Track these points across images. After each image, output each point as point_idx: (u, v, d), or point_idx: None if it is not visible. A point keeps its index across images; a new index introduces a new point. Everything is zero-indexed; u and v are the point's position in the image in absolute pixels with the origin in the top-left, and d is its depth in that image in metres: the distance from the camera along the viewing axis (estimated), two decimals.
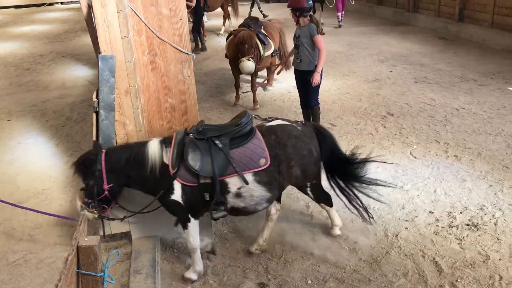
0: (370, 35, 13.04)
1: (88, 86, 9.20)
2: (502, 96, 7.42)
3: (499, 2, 10.84)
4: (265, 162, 3.49)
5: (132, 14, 4.10)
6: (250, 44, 7.00)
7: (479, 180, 5.00)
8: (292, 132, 3.68)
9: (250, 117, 3.68)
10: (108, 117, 3.86)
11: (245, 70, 7.00)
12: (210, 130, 3.58)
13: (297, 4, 5.74)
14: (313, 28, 5.74)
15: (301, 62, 5.91)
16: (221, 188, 3.46)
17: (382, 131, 6.44)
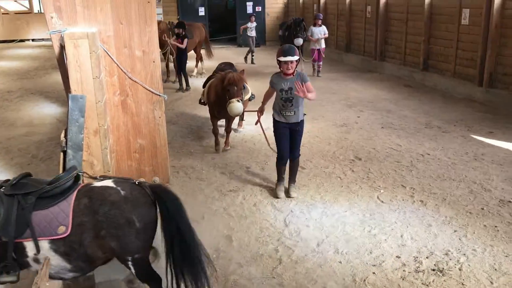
0: (338, 81, 13.41)
1: (56, 124, 9.07)
2: (464, 143, 7.68)
3: (460, 53, 11.38)
4: (65, 231, 3.04)
5: (105, 55, 4.13)
6: (239, 86, 6.93)
7: (444, 225, 5.10)
8: (108, 197, 3.13)
9: (71, 173, 3.23)
10: (75, 157, 3.80)
11: (235, 111, 6.79)
12: (25, 185, 3.14)
13: (296, 53, 5.48)
14: (304, 75, 5.55)
15: (294, 114, 5.60)
16: (20, 251, 3.07)
17: (350, 175, 6.54)
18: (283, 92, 5.55)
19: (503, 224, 5.07)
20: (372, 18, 15.13)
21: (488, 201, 5.63)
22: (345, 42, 17.26)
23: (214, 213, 5.51)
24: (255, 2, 22.23)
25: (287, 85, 5.50)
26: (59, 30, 3.95)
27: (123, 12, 4.12)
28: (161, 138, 4.52)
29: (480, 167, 6.67)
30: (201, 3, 21.68)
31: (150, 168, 4.57)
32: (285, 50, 5.44)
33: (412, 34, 13.28)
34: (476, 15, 10.63)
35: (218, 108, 7.30)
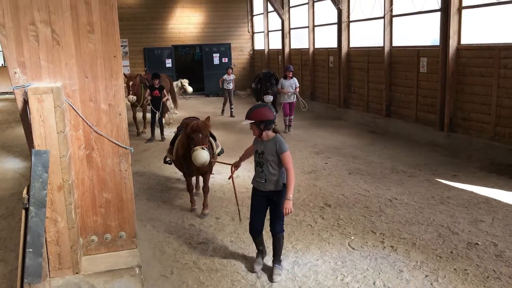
0: (305, 128, 13.63)
1: (18, 179, 8.80)
2: (430, 187, 7.83)
3: (420, 99, 11.81)
4: None
5: (70, 109, 4.09)
6: (204, 133, 6.32)
7: (415, 271, 5.10)
8: None
9: None
10: (38, 214, 3.67)
11: (199, 159, 6.07)
12: None
13: (262, 116, 4.79)
14: (282, 143, 4.82)
15: (265, 182, 4.90)
16: None
17: (321, 222, 6.53)
18: (256, 154, 5.01)
19: (472, 267, 5.12)
20: (335, 68, 15.63)
21: (456, 244, 5.70)
22: (310, 91, 17.68)
23: (184, 267, 5.36)
24: (221, 54, 22.70)
25: (261, 148, 4.91)
26: (22, 85, 3.90)
27: (88, 67, 4.12)
28: (127, 192, 4.43)
29: (447, 210, 6.78)
30: (168, 55, 21.99)
31: (116, 222, 4.45)
32: (247, 112, 4.90)
33: (374, 82, 13.75)
34: (433, 63, 11.14)
35: (187, 162, 6.69)
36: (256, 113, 4.82)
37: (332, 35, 15.67)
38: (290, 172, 4.75)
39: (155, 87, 12.20)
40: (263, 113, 4.80)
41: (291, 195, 4.71)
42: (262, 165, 4.90)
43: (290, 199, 4.70)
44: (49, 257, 3.93)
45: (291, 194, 4.71)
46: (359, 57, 14.47)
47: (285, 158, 4.78)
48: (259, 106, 4.98)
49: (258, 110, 4.84)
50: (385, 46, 12.88)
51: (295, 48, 19.06)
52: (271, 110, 4.83)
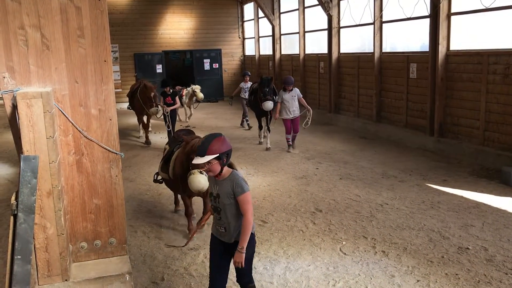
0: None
1: (7, 185, 8.70)
2: (421, 192, 7.86)
3: (410, 105, 11.89)
4: None
5: (60, 114, 4.05)
6: None
7: (406, 275, 5.10)
8: None
9: None
10: (27, 220, 3.62)
11: (196, 185, 5.34)
12: None
13: (223, 147, 3.80)
14: (240, 182, 3.83)
15: (225, 231, 3.95)
16: None
17: (312, 228, 6.52)
18: (211, 197, 4.03)
19: (463, 272, 5.13)
20: (325, 73, 15.69)
21: (447, 248, 5.71)
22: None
23: (174, 273, 5.31)
24: (212, 59, 22.71)
25: (215, 189, 3.95)
26: (11, 90, 3.86)
27: (78, 71, 4.08)
28: (118, 198, 4.38)
29: (437, 215, 6.81)
30: (159, 61, 21.94)
31: (106, 229, 4.40)
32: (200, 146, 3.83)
33: (364, 87, 13.82)
34: (422, 69, 11.22)
35: (184, 185, 5.90)
36: (216, 144, 3.77)
37: (323, 41, 15.75)
38: (246, 217, 3.82)
39: (167, 94, 11.85)
40: (224, 142, 3.81)
41: (245, 246, 3.81)
42: (219, 211, 3.94)
43: (242, 251, 3.80)
44: (37, 264, 3.88)
45: (244, 244, 3.81)
46: (349, 63, 14.54)
47: (242, 200, 3.81)
48: (214, 135, 3.87)
49: (218, 140, 3.80)
50: (375, 52, 12.96)
51: (286, 54, 19.11)
52: (227, 139, 3.90)
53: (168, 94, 11.82)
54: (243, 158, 10.63)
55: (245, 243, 3.83)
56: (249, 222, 3.84)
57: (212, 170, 3.81)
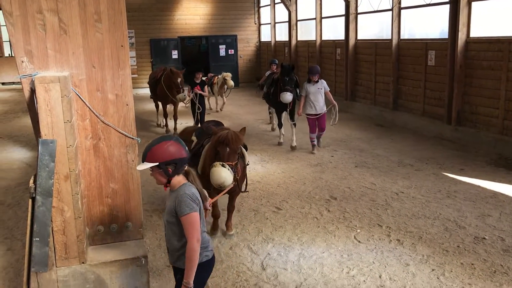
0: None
1: (25, 169, 8.83)
2: (437, 181, 7.79)
3: (428, 93, 11.73)
4: None
5: (77, 99, 4.07)
6: (233, 147, 5.08)
7: (421, 264, 5.08)
8: None
9: None
10: (45, 203, 3.67)
11: (216, 179, 4.84)
12: None
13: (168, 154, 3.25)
14: (183, 201, 3.18)
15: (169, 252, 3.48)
16: None
17: (327, 215, 6.51)
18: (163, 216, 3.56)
19: (479, 262, 5.09)
20: (342, 60, 15.53)
21: (463, 238, 5.66)
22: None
23: None
24: (228, 45, 22.62)
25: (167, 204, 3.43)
26: (29, 74, 3.88)
27: (95, 56, 4.09)
28: (134, 182, 4.41)
29: (453, 204, 6.74)
30: (175, 46, 21.93)
31: (122, 213, 4.44)
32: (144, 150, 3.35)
33: (381, 75, 13.65)
34: (441, 56, 11.04)
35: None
36: (157, 150, 3.25)
37: (340, 27, 15.56)
38: (189, 243, 3.15)
39: (196, 83, 11.21)
40: (168, 149, 3.25)
41: (190, 280, 3.16)
42: (165, 227, 3.45)
43: (188, 285, 3.17)
44: (55, 247, 3.93)
45: (189, 278, 3.16)
46: (366, 50, 14.37)
47: (184, 222, 3.18)
48: (162, 139, 3.36)
49: (162, 146, 3.26)
50: (393, 38, 12.77)
51: (302, 40, 18.94)
52: (181, 145, 3.33)
53: (197, 83, 11.21)
54: (258, 145, 10.62)
55: (190, 277, 3.16)
56: (193, 250, 3.13)
57: (157, 180, 3.32)
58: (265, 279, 4.86)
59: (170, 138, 3.35)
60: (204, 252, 3.34)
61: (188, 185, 3.29)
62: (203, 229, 3.38)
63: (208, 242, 3.43)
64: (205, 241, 3.37)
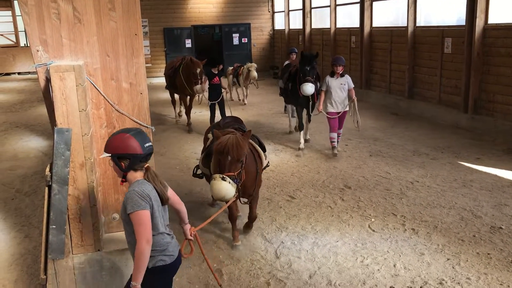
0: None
1: (41, 158, 8.93)
2: (453, 170, 7.70)
3: (444, 81, 11.56)
4: None
5: (91, 88, 4.09)
6: (235, 156, 4.55)
7: (436, 254, 5.04)
8: None
9: None
10: (61, 191, 3.71)
11: (216, 195, 4.50)
12: None
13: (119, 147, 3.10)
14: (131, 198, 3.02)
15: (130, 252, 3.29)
16: None
17: (341, 204, 6.49)
18: None
19: (495, 251, 5.03)
20: (357, 48, 15.37)
21: (479, 228, 5.60)
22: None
23: (203, 246, 5.38)
24: (241, 34, 22.52)
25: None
26: (45, 63, 3.91)
27: (110, 45, 4.10)
28: None
29: (470, 193, 6.67)
30: (188, 35, 21.90)
31: None
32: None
33: (397, 62, 13.49)
34: (458, 44, 10.85)
35: None
36: (113, 142, 3.12)
37: (355, 15, 15.38)
38: (137, 244, 2.98)
39: (214, 74, 10.49)
40: (123, 142, 3.08)
41: (137, 283, 2.97)
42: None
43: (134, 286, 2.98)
44: (71, 234, 3.99)
45: (136, 280, 2.98)
46: (381, 37, 14.19)
47: (132, 220, 3.01)
48: (122, 130, 3.23)
49: (117, 138, 3.12)
50: (408, 26, 12.58)
51: (316, 28, 18.78)
52: (140, 140, 3.12)
53: (215, 74, 10.49)
54: (271, 134, 10.60)
55: (136, 279, 2.97)
56: (140, 250, 2.95)
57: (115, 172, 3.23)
58: (279, 268, 4.87)
59: (129, 131, 3.15)
60: (160, 255, 3.11)
61: (141, 182, 3.10)
62: (162, 230, 3.15)
63: (167, 245, 3.15)
64: (162, 244, 3.12)
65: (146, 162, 3.20)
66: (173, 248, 3.22)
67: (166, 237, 3.20)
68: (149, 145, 3.18)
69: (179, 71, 11.00)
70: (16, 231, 5.82)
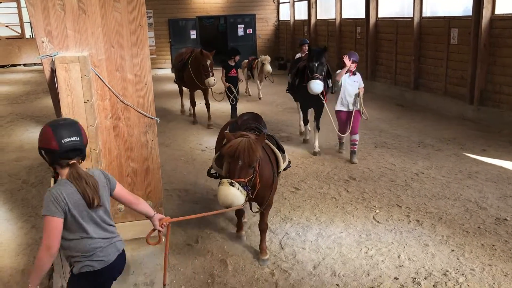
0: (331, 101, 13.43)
1: None
2: (458, 161, 7.68)
3: (450, 72, 11.49)
4: None
5: (96, 79, 4.11)
6: (246, 160, 4.10)
7: (441, 245, 5.04)
8: None
9: None
10: None
11: (223, 201, 4.00)
12: None
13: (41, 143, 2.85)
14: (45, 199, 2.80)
15: None
16: None
17: (345, 195, 6.49)
18: None
19: (500, 243, 5.03)
20: (362, 39, 15.29)
21: (484, 219, 5.60)
22: (335, 63, 17.39)
23: (208, 236, 5.42)
24: (246, 25, 22.44)
25: None
26: (50, 55, 3.92)
27: (114, 36, 4.10)
28: (153, 162, 4.46)
29: (475, 185, 6.65)
30: (193, 26, 21.84)
31: (143, 191, 4.50)
32: None
33: (402, 54, 13.42)
34: (464, 34, 10.77)
35: None
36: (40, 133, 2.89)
37: (360, 5, 15.28)
38: (39, 250, 2.82)
39: (231, 66, 10.09)
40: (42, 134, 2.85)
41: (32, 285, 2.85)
42: None
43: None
44: None
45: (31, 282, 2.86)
46: (387, 28, 14.10)
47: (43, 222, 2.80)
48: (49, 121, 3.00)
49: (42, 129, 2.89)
50: (414, 16, 12.49)
51: (322, 19, 18.68)
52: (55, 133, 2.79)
53: (233, 66, 10.06)
54: (276, 125, 10.60)
55: (32, 281, 2.84)
56: (38, 257, 2.77)
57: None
58: (283, 258, 4.90)
59: (52, 123, 2.89)
60: (86, 261, 2.87)
61: (63, 182, 2.81)
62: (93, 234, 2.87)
63: (95, 251, 2.88)
64: (88, 249, 2.86)
65: (71, 159, 2.82)
66: (106, 252, 2.93)
67: (98, 241, 2.89)
68: (71, 140, 2.78)
69: (188, 65, 10.51)
70: (23, 221, 5.87)
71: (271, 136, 4.97)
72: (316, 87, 7.65)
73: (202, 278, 4.57)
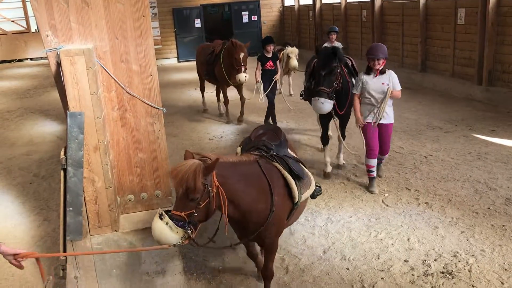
0: None
1: (56, 142, 9.05)
2: (467, 143, 7.64)
3: (457, 53, 11.37)
4: None
5: (102, 70, 4.12)
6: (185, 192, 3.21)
7: (451, 227, 5.04)
8: None
9: None
10: (76, 174, 3.78)
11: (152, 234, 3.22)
12: None
13: None
14: None
15: None
16: None
17: (354, 180, 6.49)
18: None
19: (510, 223, 5.02)
20: (368, 22, 15.15)
21: (494, 200, 5.58)
22: (342, 47, 17.24)
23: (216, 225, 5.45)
24: (251, 12, 22.30)
25: None
26: (54, 48, 3.93)
27: (118, 27, 4.10)
28: (161, 152, 4.48)
29: (484, 166, 6.62)
30: (197, 15, 21.76)
31: (151, 182, 4.53)
32: None
33: (409, 36, 13.29)
34: (471, 14, 10.64)
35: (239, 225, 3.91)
36: None
37: None
38: None
39: (267, 57, 8.78)
40: None
41: None
42: None
43: None
44: (88, 216, 4.07)
45: None
46: (393, 10, 13.95)
47: None
48: None
49: None
50: None
51: (327, 3, 18.51)
52: None
53: (269, 58, 8.78)
54: (284, 113, 10.57)
55: None
56: None
57: None
58: (293, 244, 4.93)
59: None
60: None
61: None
62: None
63: None
64: None
65: None
66: None
67: None
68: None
69: (220, 58, 9.26)
70: (35, 214, 5.95)
71: (282, 158, 3.87)
72: (320, 108, 5.94)
73: (213, 265, 4.62)
